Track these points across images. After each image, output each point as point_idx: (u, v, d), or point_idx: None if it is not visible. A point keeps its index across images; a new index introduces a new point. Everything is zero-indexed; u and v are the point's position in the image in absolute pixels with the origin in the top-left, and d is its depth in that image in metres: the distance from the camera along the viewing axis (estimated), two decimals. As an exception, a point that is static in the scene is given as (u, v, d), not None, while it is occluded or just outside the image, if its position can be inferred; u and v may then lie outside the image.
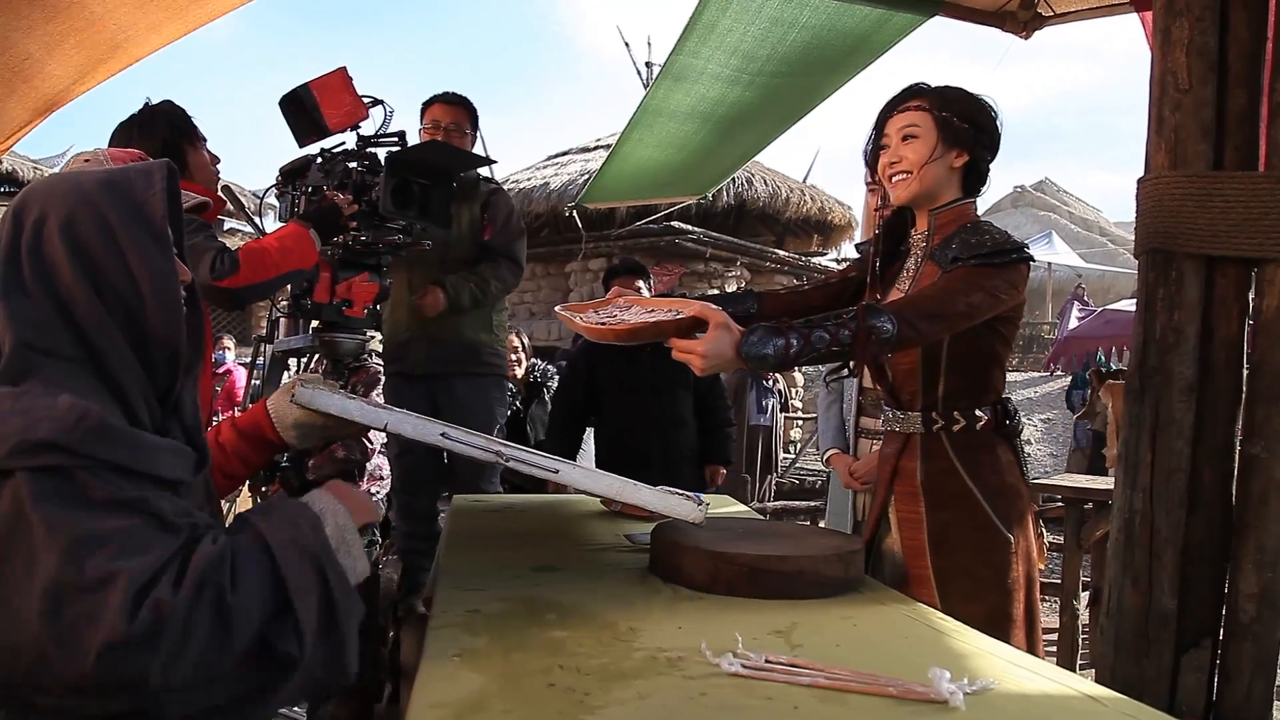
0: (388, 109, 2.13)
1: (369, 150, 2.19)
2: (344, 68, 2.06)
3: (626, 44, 12.55)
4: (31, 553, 0.82)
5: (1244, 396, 1.77)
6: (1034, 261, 1.63)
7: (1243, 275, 1.76)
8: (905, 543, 1.66)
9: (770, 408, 7.46)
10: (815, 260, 12.63)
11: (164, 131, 2.03)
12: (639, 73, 12.45)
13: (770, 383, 7.49)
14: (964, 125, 1.64)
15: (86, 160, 1.63)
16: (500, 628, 1.13)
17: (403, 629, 2.44)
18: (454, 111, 2.98)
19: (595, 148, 11.36)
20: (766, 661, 0.97)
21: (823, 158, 12.91)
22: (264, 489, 2.99)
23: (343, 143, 2.21)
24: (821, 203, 11.59)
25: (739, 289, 11.15)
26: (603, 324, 1.48)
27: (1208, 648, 1.82)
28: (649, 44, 16.87)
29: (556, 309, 1.61)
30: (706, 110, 3.92)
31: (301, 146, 2.17)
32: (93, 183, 0.99)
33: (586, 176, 9.63)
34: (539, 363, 4.99)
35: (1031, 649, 1.60)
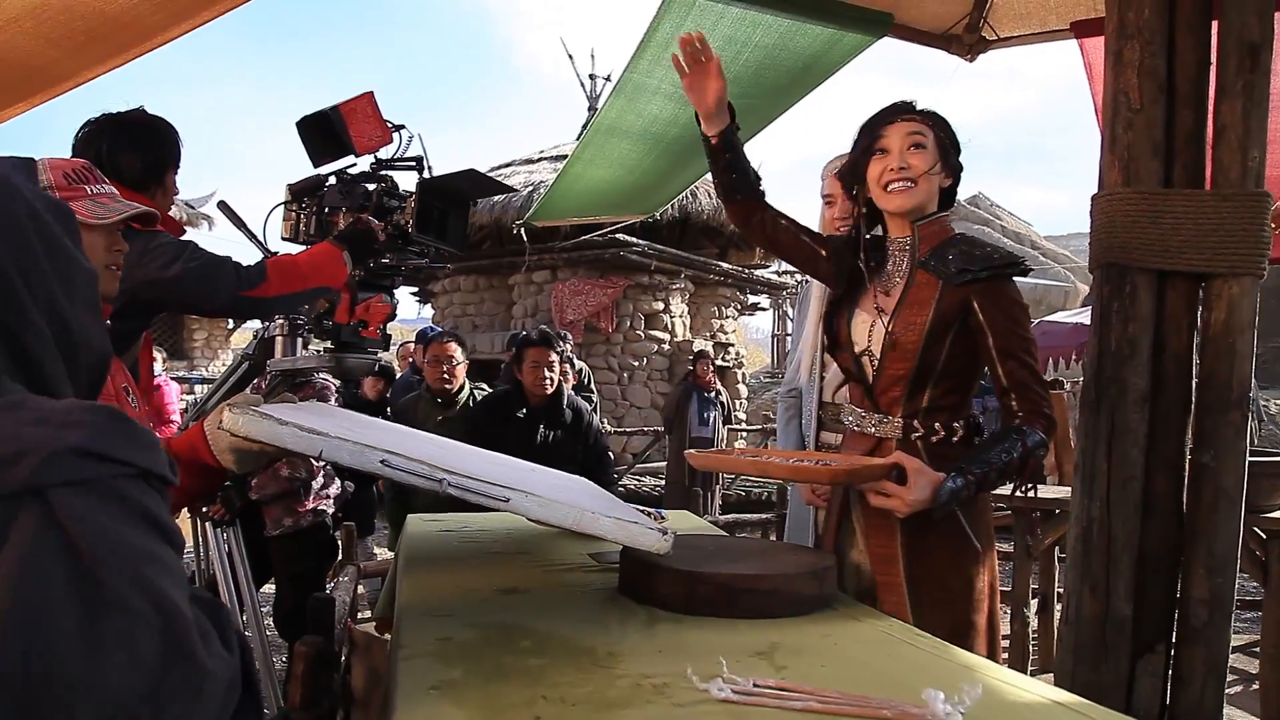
0: (408, 134, 2.15)
1: (383, 173, 2.20)
2: (371, 93, 2.07)
3: (570, 56, 12.58)
4: (86, 584, 0.63)
5: (1193, 407, 1.83)
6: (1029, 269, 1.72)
7: (1192, 290, 1.81)
8: (874, 550, 1.65)
9: (712, 419, 7.40)
10: (758, 273, 12.75)
11: (159, 149, 1.98)
12: (583, 85, 12.46)
13: (712, 394, 7.43)
14: (953, 150, 1.69)
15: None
16: (475, 657, 1.09)
17: (353, 654, 2.36)
18: None
19: (539, 159, 11.32)
20: (755, 686, 0.94)
21: (763, 172, 13.02)
22: (204, 509, 2.88)
23: (354, 163, 2.21)
24: (764, 216, 11.69)
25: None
26: (812, 464, 1.57)
27: (1162, 653, 1.85)
28: (592, 57, 16.91)
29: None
30: (659, 131, 3.90)
31: (317, 166, 2.17)
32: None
33: (530, 188, 9.57)
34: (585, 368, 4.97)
35: (992, 657, 1.60)
